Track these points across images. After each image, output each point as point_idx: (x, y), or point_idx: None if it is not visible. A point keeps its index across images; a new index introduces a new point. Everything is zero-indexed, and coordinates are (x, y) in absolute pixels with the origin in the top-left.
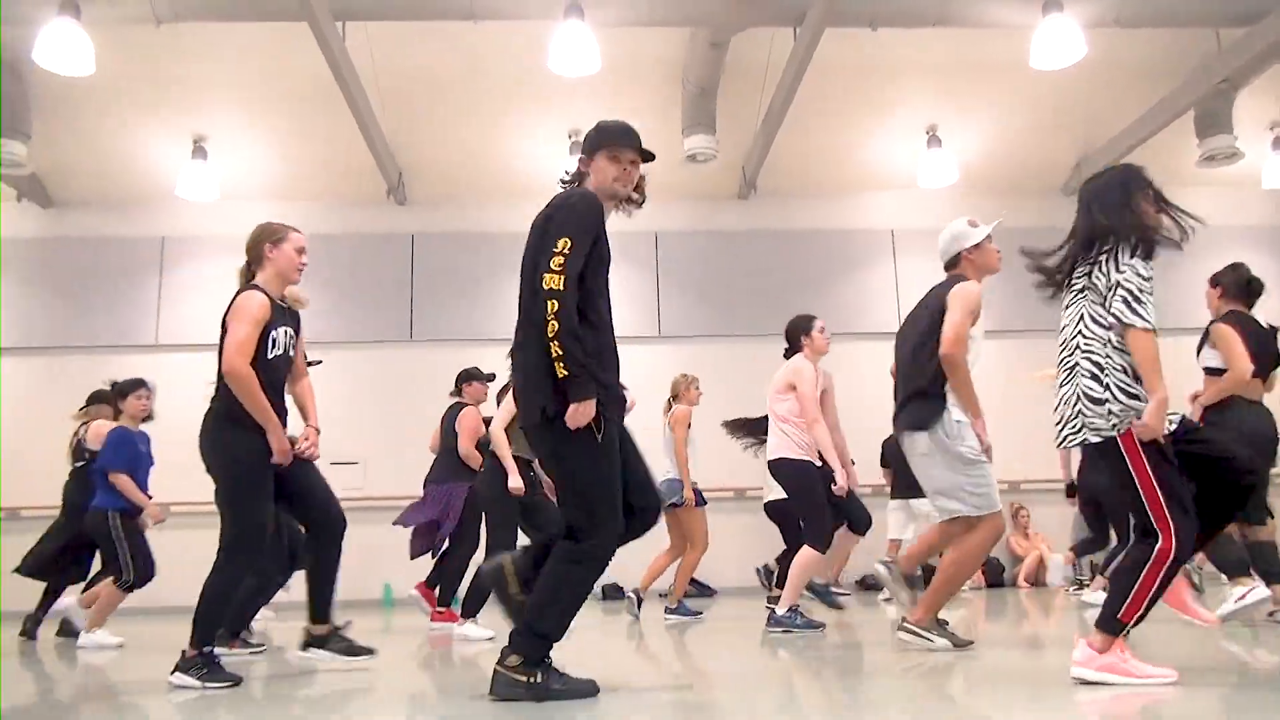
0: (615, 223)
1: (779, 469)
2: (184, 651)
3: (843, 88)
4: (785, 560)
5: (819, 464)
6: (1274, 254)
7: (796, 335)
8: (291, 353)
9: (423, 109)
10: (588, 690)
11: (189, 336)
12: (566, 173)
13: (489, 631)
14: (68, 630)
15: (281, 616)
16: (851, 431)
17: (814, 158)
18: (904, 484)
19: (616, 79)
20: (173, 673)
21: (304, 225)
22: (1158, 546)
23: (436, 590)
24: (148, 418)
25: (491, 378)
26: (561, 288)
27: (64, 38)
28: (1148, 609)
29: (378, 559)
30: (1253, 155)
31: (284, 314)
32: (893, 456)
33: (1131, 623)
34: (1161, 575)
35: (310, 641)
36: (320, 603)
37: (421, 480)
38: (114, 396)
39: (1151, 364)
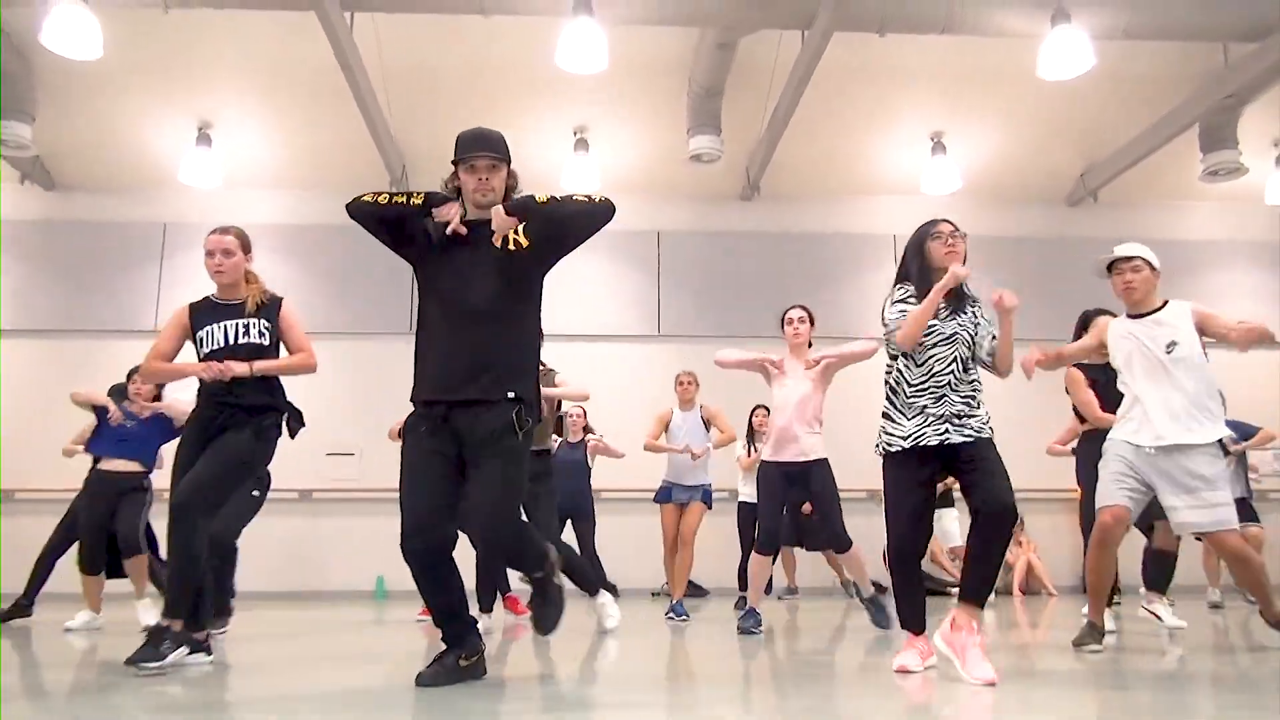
0: (617, 221)
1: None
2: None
3: (849, 92)
4: None
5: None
6: (1276, 270)
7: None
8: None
9: (428, 101)
10: None
11: None
12: (445, 183)
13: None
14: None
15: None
16: (856, 432)
17: (818, 161)
18: None
19: (624, 77)
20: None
21: (306, 215)
22: None
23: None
24: None
25: None
26: None
27: (72, 20)
28: None
29: (371, 550)
30: (1257, 171)
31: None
32: None
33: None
34: None
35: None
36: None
37: None
38: None
39: None
